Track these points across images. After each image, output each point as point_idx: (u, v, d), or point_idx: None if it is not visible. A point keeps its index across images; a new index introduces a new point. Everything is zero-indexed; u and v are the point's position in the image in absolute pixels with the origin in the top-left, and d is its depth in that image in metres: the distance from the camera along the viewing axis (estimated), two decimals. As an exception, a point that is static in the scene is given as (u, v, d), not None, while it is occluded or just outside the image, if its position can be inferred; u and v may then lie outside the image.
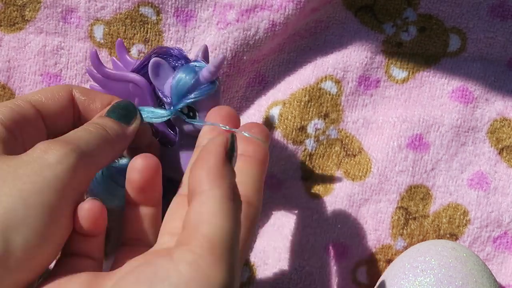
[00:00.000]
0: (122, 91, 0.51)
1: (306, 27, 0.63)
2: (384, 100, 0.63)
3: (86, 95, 0.49)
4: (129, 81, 0.51)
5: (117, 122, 0.46)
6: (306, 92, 0.61)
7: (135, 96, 0.51)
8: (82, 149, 0.42)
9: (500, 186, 0.61)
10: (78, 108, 0.49)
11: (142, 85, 0.50)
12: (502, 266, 0.61)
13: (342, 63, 0.62)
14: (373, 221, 0.61)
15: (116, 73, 0.52)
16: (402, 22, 0.62)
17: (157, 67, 0.49)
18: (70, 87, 0.49)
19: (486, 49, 0.63)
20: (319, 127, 0.61)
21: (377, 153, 0.61)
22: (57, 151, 0.40)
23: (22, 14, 0.60)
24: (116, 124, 0.46)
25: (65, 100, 0.48)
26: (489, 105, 0.62)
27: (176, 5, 0.61)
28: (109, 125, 0.46)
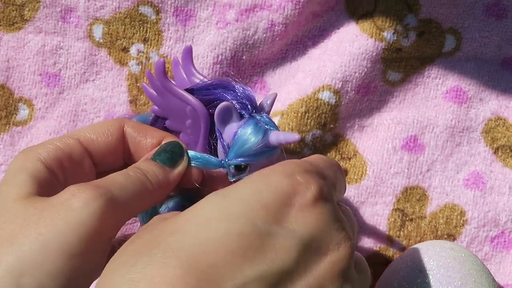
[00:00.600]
0: (177, 107, 0.49)
1: (309, 34, 0.63)
2: (379, 103, 0.63)
3: (138, 132, 0.47)
4: (189, 105, 0.48)
5: (161, 166, 0.45)
6: (303, 103, 0.61)
7: (189, 118, 0.49)
8: (114, 194, 0.41)
9: (496, 186, 0.62)
10: (128, 145, 0.48)
11: (201, 114, 0.48)
12: (500, 266, 0.61)
13: (340, 73, 0.61)
14: (369, 223, 0.61)
15: (179, 91, 0.49)
16: (403, 28, 0.62)
17: (227, 113, 0.46)
18: (122, 122, 0.47)
19: (481, 48, 0.63)
20: (317, 136, 0.61)
21: (372, 156, 0.61)
22: (85, 195, 0.39)
23: (21, 14, 0.60)
24: (159, 169, 0.45)
25: (116, 137, 0.47)
26: (483, 104, 0.63)
27: (176, 4, 0.61)
28: (152, 170, 0.44)
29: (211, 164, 0.47)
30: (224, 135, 0.47)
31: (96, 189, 0.40)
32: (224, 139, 0.47)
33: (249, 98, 0.48)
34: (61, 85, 0.60)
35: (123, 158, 0.48)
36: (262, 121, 0.47)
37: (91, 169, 0.46)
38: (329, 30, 0.63)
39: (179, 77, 0.51)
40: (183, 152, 0.47)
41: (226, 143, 0.47)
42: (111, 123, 0.47)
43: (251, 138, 0.46)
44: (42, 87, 0.60)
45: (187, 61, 0.50)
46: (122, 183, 0.42)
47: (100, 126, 0.47)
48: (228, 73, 0.60)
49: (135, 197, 0.42)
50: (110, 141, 0.46)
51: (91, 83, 0.61)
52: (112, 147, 0.47)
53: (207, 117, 0.48)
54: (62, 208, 0.39)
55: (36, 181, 0.42)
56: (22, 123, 0.60)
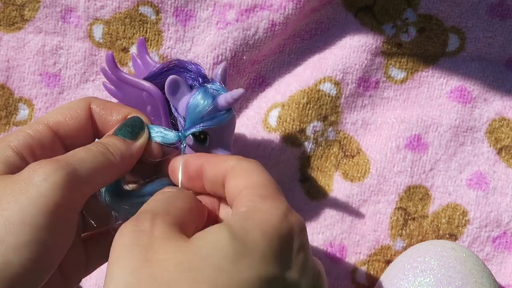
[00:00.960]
0: (135, 96, 0.51)
1: (307, 28, 0.63)
2: (382, 101, 0.63)
3: (104, 109, 0.48)
4: (144, 90, 0.50)
5: (123, 140, 0.46)
6: (305, 94, 0.61)
7: (147, 104, 0.51)
8: (75, 167, 0.41)
9: (499, 186, 0.61)
10: (96, 124, 0.48)
11: (156, 96, 0.50)
12: (501, 266, 0.61)
13: (341, 65, 0.62)
14: (372, 222, 0.61)
15: (131, 79, 0.51)
16: (402, 23, 0.62)
17: (174, 85, 0.48)
18: (88, 101, 0.48)
19: (485, 48, 0.63)
20: (318, 129, 0.61)
21: (376, 154, 0.61)
22: (44, 169, 0.40)
23: (22, 14, 0.60)
24: (120, 142, 0.46)
25: (84, 116, 0.47)
26: (487, 105, 0.62)
27: (176, 4, 0.61)
28: (113, 143, 0.45)
29: (169, 136, 0.48)
30: (179, 109, 0.48)
31: (56, 163, 0.41)
32: (180, 113, 0.49)
33: (199, 72, 0.49)
34: (61, 85, 0.61)
35: (93, 136, 0.48)
36: (212, 88, 0.48)
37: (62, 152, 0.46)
38: (326, 23, 0.63)
39: (139, 69, 0.53)
40: (143, 125, 0.47)
41: (182, 116, 0.48)
42: (78, 103, 0.48)
43: (201, 103, 0.47)
44: (42, 87, 0.61)
45: (142, 52, 0.52)
46: (83, 156, 0.43)
47: (68, 107, 0.47)
48: (228, 73, 0.60)
49: (97, 170, 0.43)
50: (78, 121, 0.47)
51: (91, 83, 0.61)
52: (81, 127, 0.47)
53: (162, 99, 0.49)
54: (24, 183, 0.40)
55: (6, 166, 0.42)
56: (22, 123, 0.61)
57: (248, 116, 0.62)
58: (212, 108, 0.47)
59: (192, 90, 0.48)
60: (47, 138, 0.45)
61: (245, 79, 0.62)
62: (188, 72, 0.49)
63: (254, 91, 0.63)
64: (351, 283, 0.61)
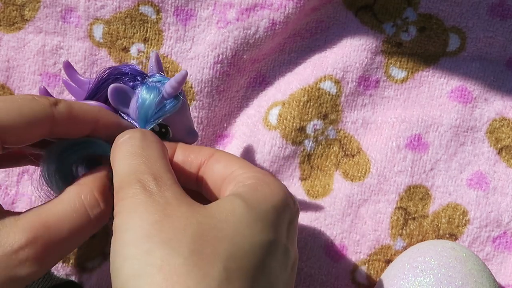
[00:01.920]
0: None
1: (307, 27, 0.63)
2: (383, 100, 0.63)
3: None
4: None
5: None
6: (305, 92, 0.61)
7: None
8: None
9: (499, 186, 0.61)
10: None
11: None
12: (501, 266, 0.61)
13: (342, 63, 0.62)
14: (372, 221, 0.61)
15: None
16: (402, 22, 0.62)
17: (117, 93, 0.47)
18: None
19: (486, 48, 0.63)
20: (318, 127, 0.61)
21: (376, 154, 0.61)
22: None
23: (22, 14, 0.60)
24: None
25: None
26: (488, 104, 0.62)
27: (176, 4, 0.60)
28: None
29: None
30: (131, 114, 0.48)
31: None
32: (132, 117, 0.48)
33: (135, 71, 0.49)
34: (61, 85, 0.61)
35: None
36: (154, 81, 0.48)
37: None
38: (327, 22, 0.63)
39: (75, 92, 0.51)
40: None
41: (135, 120, 0.48)
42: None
43: (148, 98, 0.47)
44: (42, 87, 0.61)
45: (71, 74, 0.51)
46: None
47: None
48: (228, 73, 0.60)
49: None
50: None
51: (91, 83, 0.61)
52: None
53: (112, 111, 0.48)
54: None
55: None
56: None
57: (248, 114, 0.62)
58: (160, 99, 0.47)
59: (135, 91, 0.48)
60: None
61: (245, 78, 0.62)
62: (125, 75, 0.49)
63: (255, 90, 0.63)
64: (351, 282, 0.61)
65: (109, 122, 0.47)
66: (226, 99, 0.62)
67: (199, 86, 0.60)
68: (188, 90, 0.60)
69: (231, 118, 0.63)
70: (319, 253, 0.60)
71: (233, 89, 0.62)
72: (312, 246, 0.60)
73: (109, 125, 0.47)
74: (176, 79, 0.46)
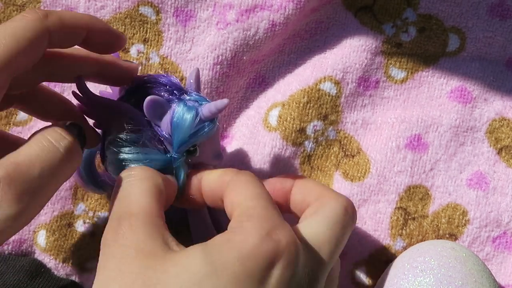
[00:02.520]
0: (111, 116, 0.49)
1: (307, 27, 0.63)
2: (382, 100, 0.63)
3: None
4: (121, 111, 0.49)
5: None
6: (305, 94, 0.61)
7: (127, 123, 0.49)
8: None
9: (499, 186, 0.61)
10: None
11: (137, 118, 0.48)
12: (501, 266, 0.61)
13: (341, 64, 0.62)
14: (372, 221, 0.61)
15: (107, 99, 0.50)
16: (402, 22, 0.62)
17: (154, 106, 0.47)
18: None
19: (485, 48, 0.63)
20: (318, 128, 0.61)
21: (376, 154, 0.61)
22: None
23: (22, 14, 0.60)
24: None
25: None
26: (487, 105, 0.62)
27: (176, 5, 0.61)
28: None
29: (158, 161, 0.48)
30: (162, 127, 0.47)
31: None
32: (163, 129, 0.47)
33: (173, 84, 0.48)
34: (61, 85, 0.60)
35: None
36: (191, 100, 0.47)
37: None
38: (326, 22, 0.63)
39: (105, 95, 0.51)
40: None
41: (167, 135, 0.47)
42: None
43: (185, 119, 0.46)
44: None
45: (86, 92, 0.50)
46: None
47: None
48: (228, 74, 0.60)
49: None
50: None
51: (91, 83, 0.61)
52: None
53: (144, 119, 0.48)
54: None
55: None
56: (22, 123, 0.60)
57: (248, 115, 0.62)
58: (198, 121, 0.47)
59: (170, 105, 0.47)
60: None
61: (245, 79, 0.62)
62: (162, 86, 0.48)
63: (254, 91, 0.63)
64: (350, 282, 0.61)
65: (101, 29, 0.46)
66: (226, 99, 0.62)
67: (199, 87, 0.60)
68: (188, 91, 0.60)
69: (230, 119, 0.63)
70: (319, 253, 0.60)
71: (233, 90, 0.62)
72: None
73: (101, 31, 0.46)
74: (217, 105, 0.46)
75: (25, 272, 0.56)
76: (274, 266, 0.39)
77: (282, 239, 0.40)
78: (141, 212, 0.41)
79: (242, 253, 0.38)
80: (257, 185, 0.44)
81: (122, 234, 0.40)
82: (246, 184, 0.45)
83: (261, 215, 0.41)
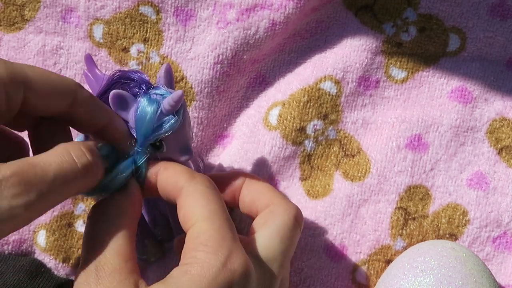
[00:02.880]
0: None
1: (307, 27, 0.63)
2: (383, 100, 0.63)
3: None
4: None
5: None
6: (305, 93, 0.61)
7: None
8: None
9: (499, 186, 0.61)
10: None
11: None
12: (501, 266, 0.61)
13: (342, 63, 0.62)
14: (372, 221, 0.61)
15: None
16: (402, 22, 0.62)
17: (118, 100, 0.47)
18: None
19: (486, 48, 0.63)
20: (318, 127, 0.61)
21: (376, 154, 0.61)
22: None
23: (22, 14, 0.60)
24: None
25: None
26: (488, 105, 0.62)
27: (176, 4, 0.60)
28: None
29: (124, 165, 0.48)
30: (130, 122, 0.48)
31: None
32: (131, 124, 0.48)
33: (142, 79, 0.48)
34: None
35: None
36: (157, 94, 0.47)
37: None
38: (327, 22, 0.63)
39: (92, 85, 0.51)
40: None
41: (133, 128, 0.48)
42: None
43: (146, 112, 0.46)
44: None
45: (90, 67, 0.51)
46: None
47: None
48: (228, 73, 0.60)
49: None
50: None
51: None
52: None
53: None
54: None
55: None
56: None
57: (248, 114, 0.62)
58: (159, 114, 0.46)
59: (136, 99, 0.47)
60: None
61: (245, 78, 0.62)
62: (132, 82, 0.48)
63: (255, 90, 0.63)
64: (351, 283, 0.61)
65: (118, 130, 0.47)
66: (226, 99, 0.62)
67: (199, 87, 0.60)
68: (188, 91, 0.60)
69: (231, 119, 0.63)
70: (319, 253, 0.60)
71: (233, 89, 0.62)
72: (312, 246, 0.60)
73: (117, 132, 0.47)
74: (173, 98, 0.45)
75: (25, 272, 0.56)
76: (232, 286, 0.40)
77: (237, 268, 0.41)
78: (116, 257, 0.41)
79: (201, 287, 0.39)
80: (211, 199, 0.44)
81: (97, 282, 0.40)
82: (200, 197, 0.44)
83: (216, 240, 0.41)
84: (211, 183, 0.46)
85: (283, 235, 0.47)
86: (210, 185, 0.45)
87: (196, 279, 0.39)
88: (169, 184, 0.46)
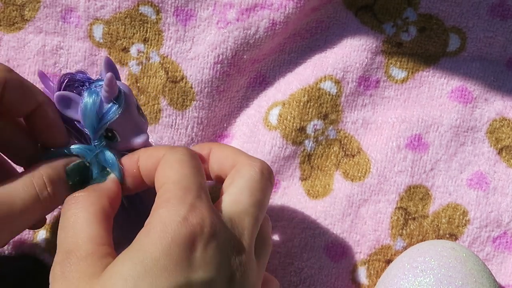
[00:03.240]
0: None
1: (307, 27, 0.63)
2: (383, 100, 0.63)
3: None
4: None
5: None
6: (305, 93, 0.61)
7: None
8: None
9: (499, 186, 0.61)
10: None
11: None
12: (501, 266, 0.61)
13: (342, 63, 0.62)
14: (372, 221, 0.61)
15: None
16: (403, 22, 0.62)
17: (62, 100, 0.48)
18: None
19: (486, 48, 0.63)
20: (318, 127, 0.61)
21: (376, 154, 0.61)
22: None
23: (22, 14, 0.60)
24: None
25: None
26: (488, 105, 0.62)
27: (176, 4, 0.60)
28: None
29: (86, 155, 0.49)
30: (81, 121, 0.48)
31: None
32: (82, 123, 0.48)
33: (86, 78, 0.49)
34: (61, 85, 0.60)
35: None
36: (96, 86, 0.48)
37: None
38: (327, 22, 0.63)
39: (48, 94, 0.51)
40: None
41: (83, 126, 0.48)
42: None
43: (87, 103, 0.47)
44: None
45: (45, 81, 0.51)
46: None
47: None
48: (228, 73, 0.60)
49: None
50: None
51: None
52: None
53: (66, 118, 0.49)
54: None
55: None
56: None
57: (248, 114, 0.62)
58: (101, 103, 0.47)
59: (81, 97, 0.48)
60: None
61: (245, 78, 0.62)
62: (77, 82, 0.49)
63: (255, 90, 0.63)
64: (351, 283, 0.61)
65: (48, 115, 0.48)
66: (226, 99, 0.62)
67: (199, 86, 0.60)
68: (188, 91, 0.60)
69: (231, 118, 0.63)
70: (319, 253, 0.60)
71: (233, 89, 0.62)
72: (312, 246, 0.60)
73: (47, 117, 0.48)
74: (105, 82, 0.46)
75: (25, 272, 0.56)
76: (196, 248, 0.39)
77: (199, 222, 0.40)
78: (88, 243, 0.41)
79: (164, 245, 0.38)
80: (187, 165, 0.44)
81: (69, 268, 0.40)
82: (175, 163, 0.44)
83: (178, 198, 0.41)
84: (192, 153, 0.46)
85: (251, 188, 0.46)
86: (189, 154, 0.45)
87: (159, 237, 0.39)
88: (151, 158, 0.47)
